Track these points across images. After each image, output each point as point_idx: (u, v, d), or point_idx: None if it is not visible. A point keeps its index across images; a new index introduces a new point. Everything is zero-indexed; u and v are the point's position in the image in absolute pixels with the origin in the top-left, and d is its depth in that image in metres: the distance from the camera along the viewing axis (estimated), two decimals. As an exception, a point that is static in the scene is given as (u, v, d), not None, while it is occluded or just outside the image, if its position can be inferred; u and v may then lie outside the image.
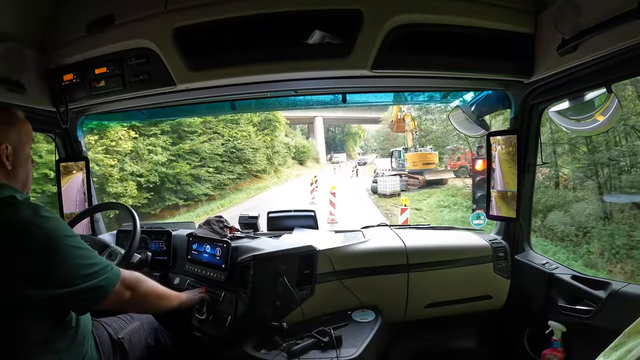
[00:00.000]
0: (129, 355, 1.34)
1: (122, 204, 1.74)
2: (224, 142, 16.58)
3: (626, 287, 1.39)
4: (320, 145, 35.89)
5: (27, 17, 1.48)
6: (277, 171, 22.41)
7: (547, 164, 9.50)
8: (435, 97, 2.06)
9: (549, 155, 8.23)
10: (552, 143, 8.31)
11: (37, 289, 0.90)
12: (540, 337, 1.66)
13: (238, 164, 17.49)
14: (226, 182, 16.33)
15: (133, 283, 1.14)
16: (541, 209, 7.73)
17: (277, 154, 22.16)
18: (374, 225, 2.30)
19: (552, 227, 7.36)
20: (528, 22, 1.41)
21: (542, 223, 7.57)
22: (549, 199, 8.07)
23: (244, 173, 17.90)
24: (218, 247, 1.69)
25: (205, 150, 15.33)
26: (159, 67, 1.46)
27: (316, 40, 1.37)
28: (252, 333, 1.56)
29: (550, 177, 8.74)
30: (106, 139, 11.15)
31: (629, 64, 1.16)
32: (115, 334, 1.34)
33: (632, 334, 0.81)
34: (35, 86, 1.57)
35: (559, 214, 7.50)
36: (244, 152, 17.62)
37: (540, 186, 8.26)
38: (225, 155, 16.62)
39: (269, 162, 20.67)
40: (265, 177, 20.11)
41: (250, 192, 17.32)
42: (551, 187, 8.63)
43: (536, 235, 7.33)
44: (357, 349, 1.45)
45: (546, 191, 8.42)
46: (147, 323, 1.55)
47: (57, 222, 0.96)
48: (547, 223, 7.49)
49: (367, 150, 46.73)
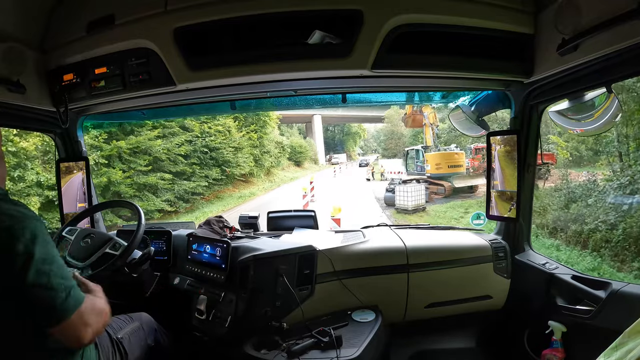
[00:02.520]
0: (129, 355, 1.33)
1: (127, 201, 1.77)
2: (191, 139, 12.93)
3: (626, 287, 1.39)
4: (319, 145, 34.40)
5: (27, 17, 1.48)
6: (269, 174, 19.39)
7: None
8: (436, 97, 2.06)
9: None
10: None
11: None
12: (540, 337, 1.66)
13: (214, 166, 13.83)
14: (198, 190, 12.85)
15: (91, 312, 1.00)
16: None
17: (267, 154, 18.53)
18: (374, 225, 2.30)
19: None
20: (528, 22, 1.41)
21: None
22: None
23: (223, 178, 14.34)
24: (218, 247, 1.69)
25: (161, 150, 11.60)
26: (159, 67, 1.46)
27: (316, 40, 1.37)
28: (252, 333, 1.56)
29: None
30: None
31: (629, 64, 1.16)
32: (115, 334, 1.34)
33: (633, 334, 0.81)
34: (36, 86, 1.57)
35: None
36: (220, 151, 13.99)
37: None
38: (195, 156, 12.97)
39: (257, 163, 17.38)
40: (254, 182, 17.11)
41: (230, 201, 13.92)
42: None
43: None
44: (357, 349, 1.46)
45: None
46: (146, 323, 1.54)
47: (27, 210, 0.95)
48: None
49: (367, 150, 46.58)
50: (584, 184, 8.57)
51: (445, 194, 12.58)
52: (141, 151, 11.11)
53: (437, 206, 11.13)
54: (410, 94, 2.02)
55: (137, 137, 11.01)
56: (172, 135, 12.29)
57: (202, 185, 13.08)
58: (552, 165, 10.77)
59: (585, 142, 12.44)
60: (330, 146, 41.19)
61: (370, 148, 46.96)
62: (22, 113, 1.70)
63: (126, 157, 10.63)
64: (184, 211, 12.13)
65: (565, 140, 10.31)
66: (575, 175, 10.03)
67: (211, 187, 13.73)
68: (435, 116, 14.47)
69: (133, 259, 1.58)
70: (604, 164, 9.36)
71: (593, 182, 8.24)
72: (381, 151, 34.30)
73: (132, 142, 10.81)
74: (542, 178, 10.37)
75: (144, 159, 11.10)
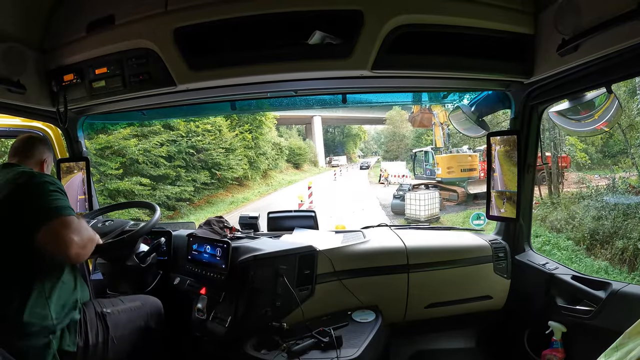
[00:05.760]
0: (110, 329, 1.39)
1: (147, 202, 1.89)
2: (175, 139, 11.79)
3: (626, 287, 1.39)
4: (318, 147, 33.55)
5: (27, 17, 1.48)
6: (266, 177, 18.30)
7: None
8: (436, 97, 2.06)
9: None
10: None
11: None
12: (540, 337, 1.66)
13: (202, 169, 12.80)
14: (184, 195, 11.69)
15: (79, 228, 1.24)
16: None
17: (263, 156, 17.28)
18: (374, 225, 2.30)
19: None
20: (528, 23, 1.41)
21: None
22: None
23: (214, 182, 13.34)
24: (218, 248, 1.69)
25: (137, 152, 10.27)
26: (159, 67, 1.46)
27: (316, 41, 1.37)
28: (252, 333, 1.56)
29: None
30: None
31: (629, 64, 1.17)
32: (101, 308, 1.43)
33: (633, 334, 0.81)
34: (36, 86, 1.57)
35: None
36: (209, 153, 12.92)
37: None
38: (179, 158, 11.84)
39: (252, 166, 16.21)
40: (249, 185, 16.03)
41: (222, 207, 12.85)
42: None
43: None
44: (357, 349, 1.45)
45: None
46: (150, 305, 1.58)
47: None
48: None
49: (367, 152, 46.49)
50: (610, 188, 7.87)
51: (459, 200, 11.58)
52: (114, 152, 9.99)
53: (451, 215, 10.07)
54: (410, 94, 2.03)
55: (109, 136, 9.87)
56: (152, 135, 11.04)
57: (189, 190, 11.89)
58: (566, 169, 10.38)
59: (596, 145, 12.21)
60: (330, 148, 41.00)
61: (370, 150, 46.90)
62: (22, 113, 1.71)
63: (94, 159, 9.39)
64: (166, 220, 10.26)
65: (581, 141, 9.97)
66: (589, 179, 9.53)
67: (200, 192, 12.71)
68: (446, 114, 12.52)
69: (142, 251, 1.68)
70: (624, 167, 8.92)
71: (626, 188, 7.49)
72: (382, 153, 33.94)
73: (101, 142, 9.72)
74: (557, 183, 9.72)
75: (115, 160, 9.88)
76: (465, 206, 11.32)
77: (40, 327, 1.19)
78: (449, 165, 12.29)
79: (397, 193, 11.54)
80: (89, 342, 1.33)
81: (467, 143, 13.98)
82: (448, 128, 13.44)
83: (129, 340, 1.46)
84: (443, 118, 13.11)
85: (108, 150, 9.92)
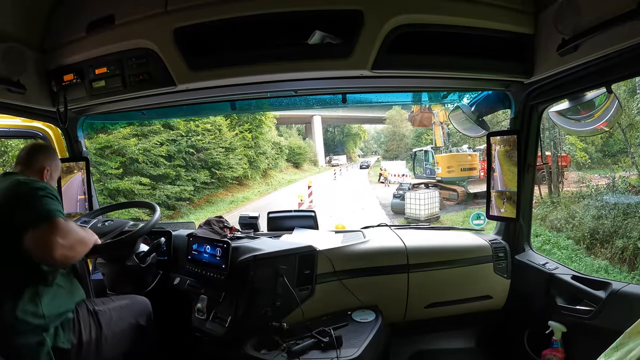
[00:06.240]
0: (103, 327, 1.41)
1: (147, 201, 1.91)
2: (175, 139, 11.78)
3: (626, 287, 1.39)
4: (318, 147, 33.36)
5: (27, 17, 1.48)
6: (266, 176, 18.20)
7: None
8: (436, 97, 2.06)
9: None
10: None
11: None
12: (540, 337, 1.66)
13: (202, 169, 12.77)
14: (184, 195, 11.64)
15: (66, 231, 1.25)
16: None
17: (262, 155, 17.29)
18: (374, 225, 2.30)
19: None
20: (528, 23, 1.41)
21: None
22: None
23: (214, 181, 13.33)
24: (218, 248, 1.69)
25: (137, 151, 10.24)
26: (159, 67, 1.46)
27: (316, 41, 1.37)
28: (252, 333, 1.56)
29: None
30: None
31: (629, 64, 1.17)
32: (93, 306, 1.44)
33: (633, 334, 0.81)
34: (36, 86, 1.57)
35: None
36: (209, 152, 12.90)
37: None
38: (179, 157, 11.85)
39: (252, 165, 16.17)
40: (249, 184, 16.00)
41: (222, 207, 12.77)
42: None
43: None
44: (357, 349, 1.46)
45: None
46: (138, 303, 1.59)
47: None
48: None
49: (367, 152, 46.45)
50: (610, 188, 7.85)
51: (458, 199, 11.59)
52: (113, 151, 10.03)
53: (451, 214, 10.02)
54: (410, 94, 2.03)
55: (109, 135, 9.91)
56: (152, 134, 11.03)
57: (189, 190, 11.87)
58: (566, 168, 10.44)
59: (596, 144, 12.20)
60: (330, 147, 40.94)
61: (370, 149, 46.82)
62: (22, 113, 1.71)
63: (94, 158, 9.39)
64: (166, 219, 10.18)
65: (581, 140, 10.00)
66: (589, 178, 9.54)
67: (200, 192, 12.70)
68: (445, 114, 12.70)
69: (142, 251, 1.68)
70: (624, 166, 8.91)
71: (625, 188, 7.47)
72: (382, 153, 33.83)
73: (101, 142, 9.78)
74: (557, 182, 9.71)
75: (115, 160, 9.93)
76: (465, 205, 11.32)
77: (33, 325, 1.22)
78: (448, 164, 12.30)
79: (397, 192, 11.54)
80: (82, 340, 1.35)
81: (467, 142, 13.90)
82: (448, 127, 13.41)
83: (121, 337, 1.48)
84: (443, 117, 13.09)
85: (108, 150, 9.95)
